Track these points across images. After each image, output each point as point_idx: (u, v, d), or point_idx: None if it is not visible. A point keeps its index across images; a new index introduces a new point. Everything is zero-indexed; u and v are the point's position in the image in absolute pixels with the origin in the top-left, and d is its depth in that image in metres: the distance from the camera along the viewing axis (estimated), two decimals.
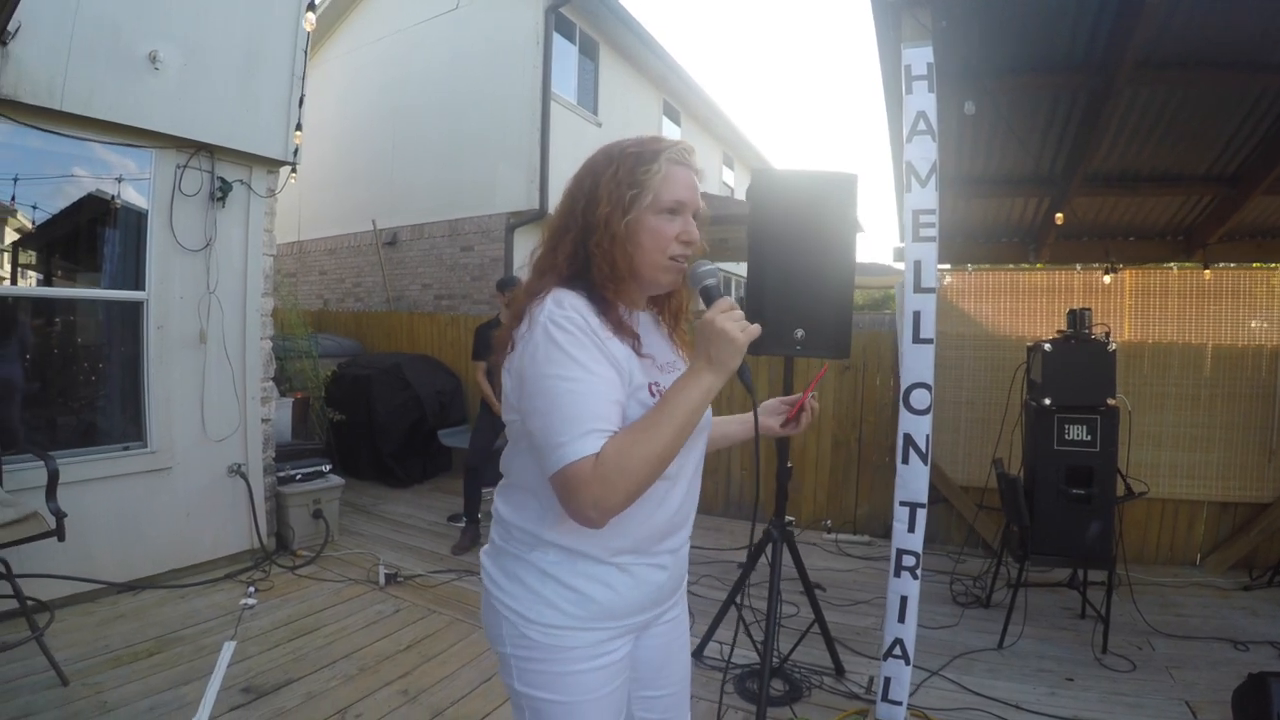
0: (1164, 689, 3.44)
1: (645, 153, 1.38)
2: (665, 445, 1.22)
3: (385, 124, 10.59)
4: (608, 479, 1.18)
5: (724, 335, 1.24)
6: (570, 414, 1.21)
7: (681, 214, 1.38)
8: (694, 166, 1.41)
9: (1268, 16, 3.34)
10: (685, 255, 1.38)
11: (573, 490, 1.20)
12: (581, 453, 1.19)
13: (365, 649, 3.57)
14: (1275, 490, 5.26)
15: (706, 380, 1.26)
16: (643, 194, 1.35)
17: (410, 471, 7.14)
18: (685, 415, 1.24)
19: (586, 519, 1.21)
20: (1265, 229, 5.59)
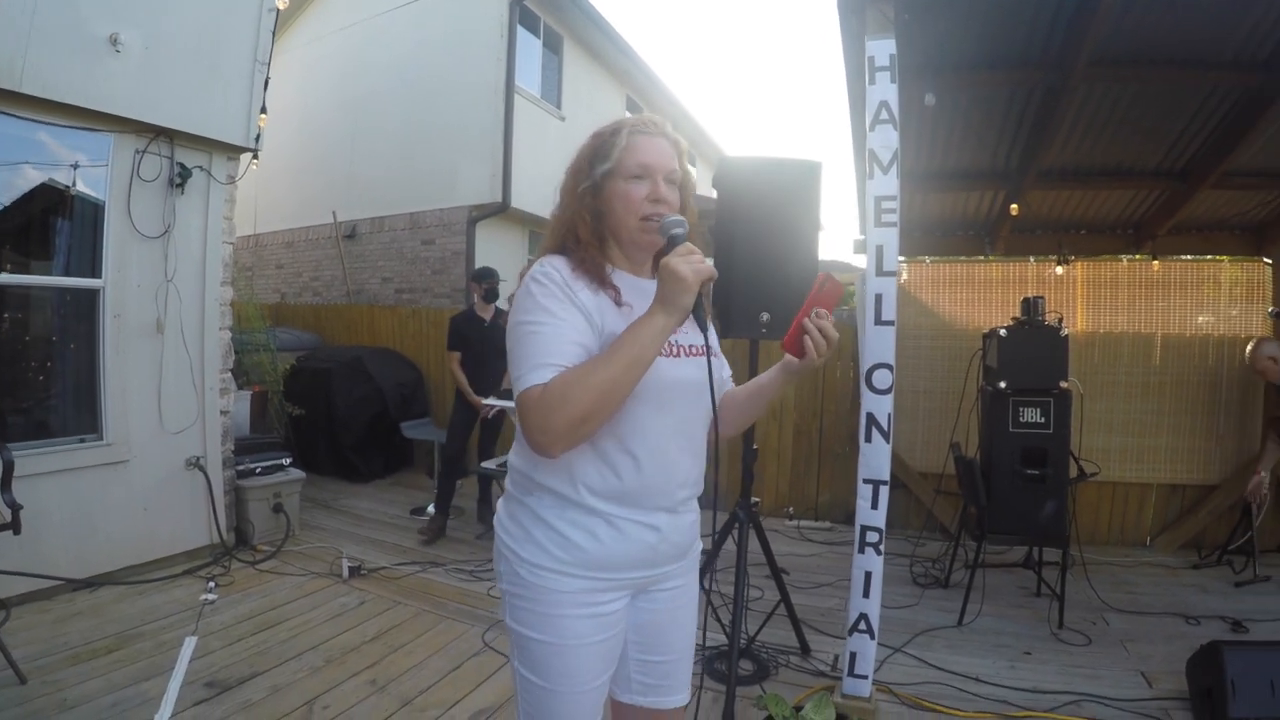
0: (1119, 661, 3.57)
1: (610, 129, 1.52)
2: (610, 378, 1.28)
3: (345, 115, 10.45)
4: (550, 405, 1.27)
5: (675, 274, 1.30)
6: (530, 351, 1.34)
7: (649, 177, 1.47)
8: (662, 134, 1.51)
9: (1218, 16, 3.47)
10: (657, 214, 1.46)
11: (522, 416, 1.31)
12: (532, 381, 1.31)
13: (330, 641, 3.54)
14: (1222, 473, 5.50)
15: (659, 319, 1.32)
16: (611, 165, 1.48)
17: (371, 465, 7.06)
18: (634, 351, 1.30)
19: (535, 444, 1.31)
20: (1212, 222, 5.80)
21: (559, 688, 1.46)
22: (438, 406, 7.45)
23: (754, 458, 3.42)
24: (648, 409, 1.43)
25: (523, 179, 9.25)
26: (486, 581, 4.38)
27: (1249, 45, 3.71)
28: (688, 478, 1.55)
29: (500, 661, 3.37)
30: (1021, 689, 3.23)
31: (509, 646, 1.53)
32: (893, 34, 2.88)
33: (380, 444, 7.13)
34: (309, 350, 7.87)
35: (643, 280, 1.55)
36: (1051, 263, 5.91)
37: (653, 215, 1.46)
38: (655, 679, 1.64)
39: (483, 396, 5.32)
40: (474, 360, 5.46)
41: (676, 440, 1.50)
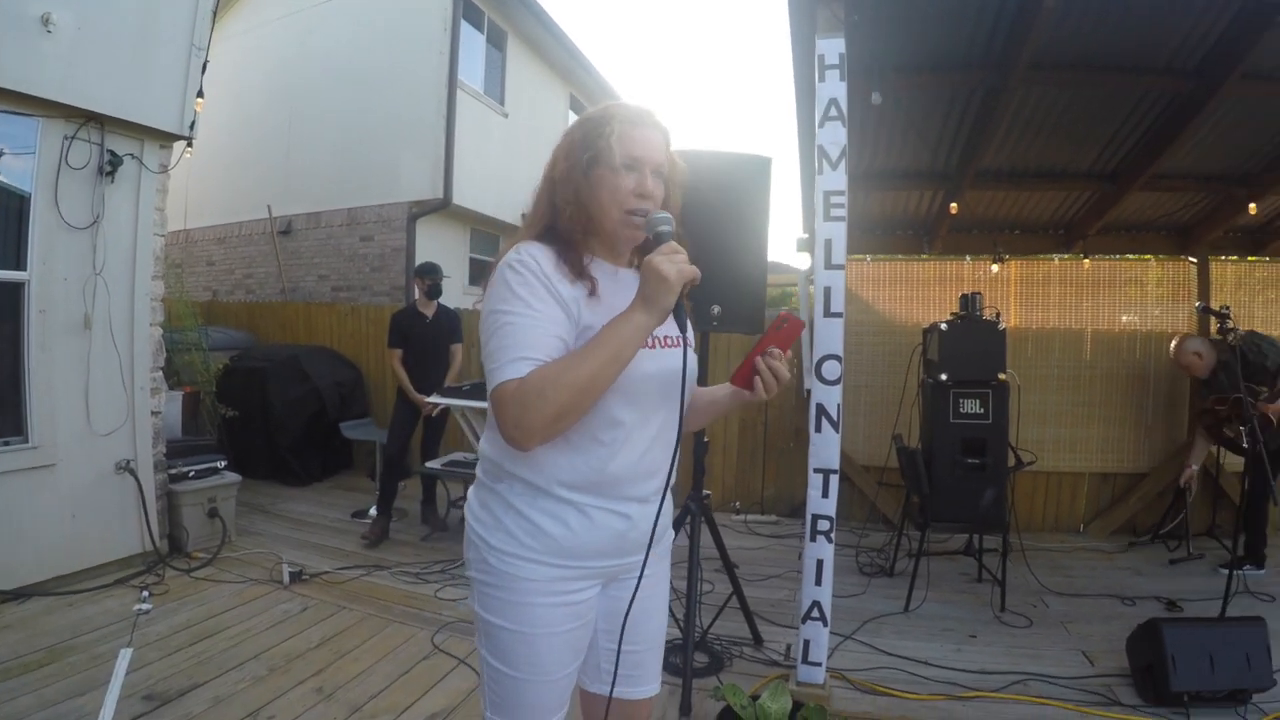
0: (1061, 641, 3.73)
1: (601, 116, 1.47)
2: (588, 375, 1.28)
3: (282, 106, 10.14)
4: (527, 401, 1.26)
5: (659, 274, 1.29)
6: (506, 343, 1.32)
7: (637, 169, 1.43)
8: (653, 125, 1.48)
9: (1152, 24, 3.64)
10: (643, 209, 1.44)
11: (498, 411, 1.31)
12: (507, 376, 1.29)
13: (273, 649, 3.42)
14: (1150, 462, 5.80)
15: (638, 317, 1.32)
16: (598, 155, 1.43)
17: (309, 468, 6.87)
18: (613, 349, 1.30)
19: (510, 439, 1.31)
20: (1140, 223, 6.09)
21: (527, 676, 1.45)
22: (378, 406, 7.31)
23: (705, 450, 3.45)
24: (620, 399, 1.42)
25: (465, 175, 9.14)
26: (433, 584, 4.31)
27: (1181, 53, 3.90)
28: (659, 468, 1.53)
29: (452, 664, 3.31)
30: (969, 670, 3.33)
31: (476, 634, 1.52)
32: (842, 34, 2.94)
33: (318, 446, 6.95)
34: (242, 350, 7.62)
35: (621, 270, 1.54)
36: (987, 261, 6.12)
37: (638, 209, 1.44)
38: (626, 669, 1.62)
39: (425, 394, 5.23)
40: (416, 358, 5.35)
41: (647, 431, 1.49)
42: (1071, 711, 2.98)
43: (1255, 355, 4.43)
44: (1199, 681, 2.93)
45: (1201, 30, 3.71)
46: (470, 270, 10.38)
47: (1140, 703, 3.04)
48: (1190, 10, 3.53)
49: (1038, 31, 3.55)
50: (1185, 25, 3.67)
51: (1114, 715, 2.96)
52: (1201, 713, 2.93)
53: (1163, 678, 2.95)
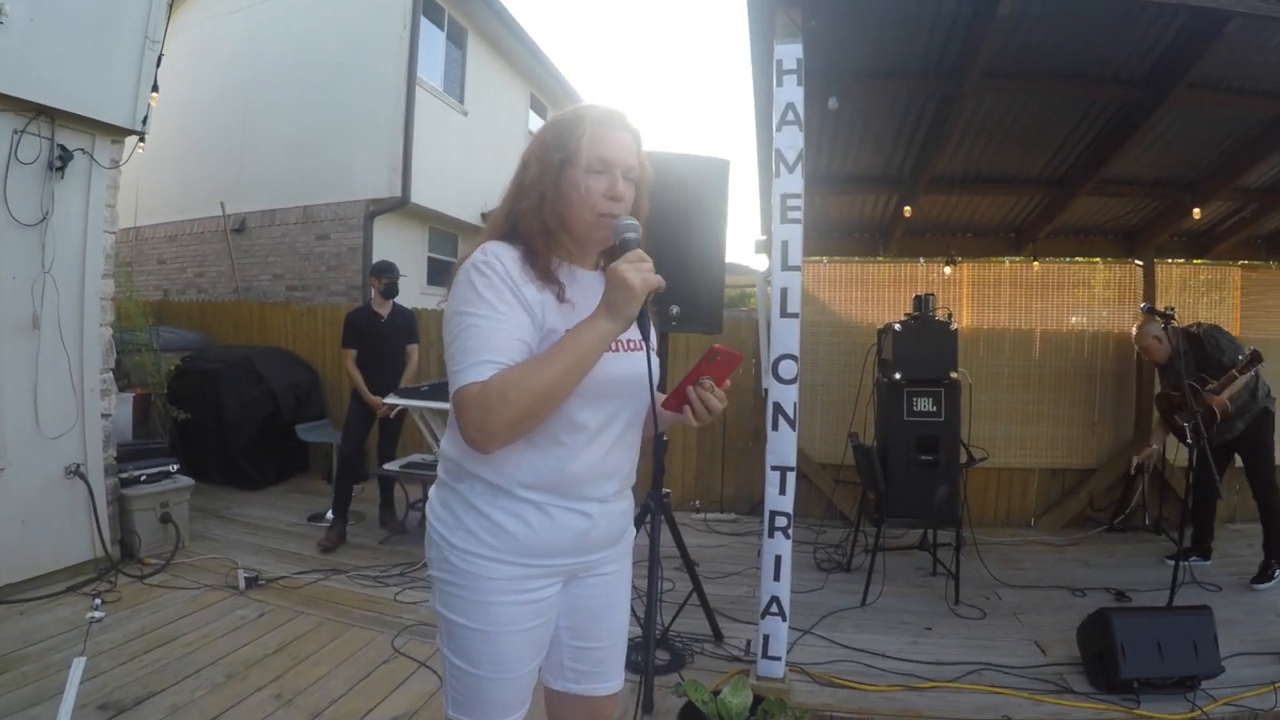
0: (1014, 631, 3.85)
1: (573, 117, 1.47)
2: (550, 381, 1.29)
3: (235, 101, 9.93)
4: (488, 405, 1.27)
5: (624, 283, 1.30)
6: (469, 346, 1.32)
7: (608, 172, 1.43)
8: (625, 127, 1.47)
9: (1103, 35, 3.76)
10: (613, 213, 1.44)
11: (459, 413, 1.31)
12: (470, 379, 1.30)
13: (230, 655, 3.36)
14: (1098, 458, 6.01)
15: (602, 325, 1.33)
16: (569, 156, 1.42)
17: (264, 471, 6.75)
18: (576, 355, 1.31)
19: (471, 441, 1.32)
20: (1088, 227, 6.29)
21: (489, 674, 1.46)
22: (335, 408, 7.21)
23: (664, 449, 3.49)
24: (583, 402, 1.42)
25: (424, 174, 9.06)
26: (393, 587, 4.27)
27: (1130, 63, 4.04)
28: (620, 470, 1.55)
29: (413, 667, 3.29)
30: (926, 662, 3.42)
31: (438, 633, 1.52)
32: (800, 39, 2.99)
33: (273, 448, 6.83)
34: (194, 350, 7.45)
35: (588, 273, 1.54)
36: (940, 264, 6.26)
37: (608, 212, 1.43)
38: (589, 666, 1.64)
39: (381, 396, 5.15)
40: (371, 358, 5.27)
41: (609, 434, 1.50)
42: (1025, 700, 3.07)
43: (1213, 349, 4.55)
44: (1149, 669, 3.04)
45: (1150, 41, 3.85)
46: (429, 270, 10.29)
47: (1092, 690, 3.15)
48: (1139, 22, 3.66)
49: (991, 41, 3.65)
50: (1134, 36, 3.80)
51: (1067, 703, 3.05)
52: (1152, 699, 3.03)
53: (1113, 665, 3.06)
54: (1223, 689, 3.09)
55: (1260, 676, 3.21)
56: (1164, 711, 2.96)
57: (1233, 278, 6.29)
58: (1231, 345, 4.58)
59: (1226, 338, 4.63)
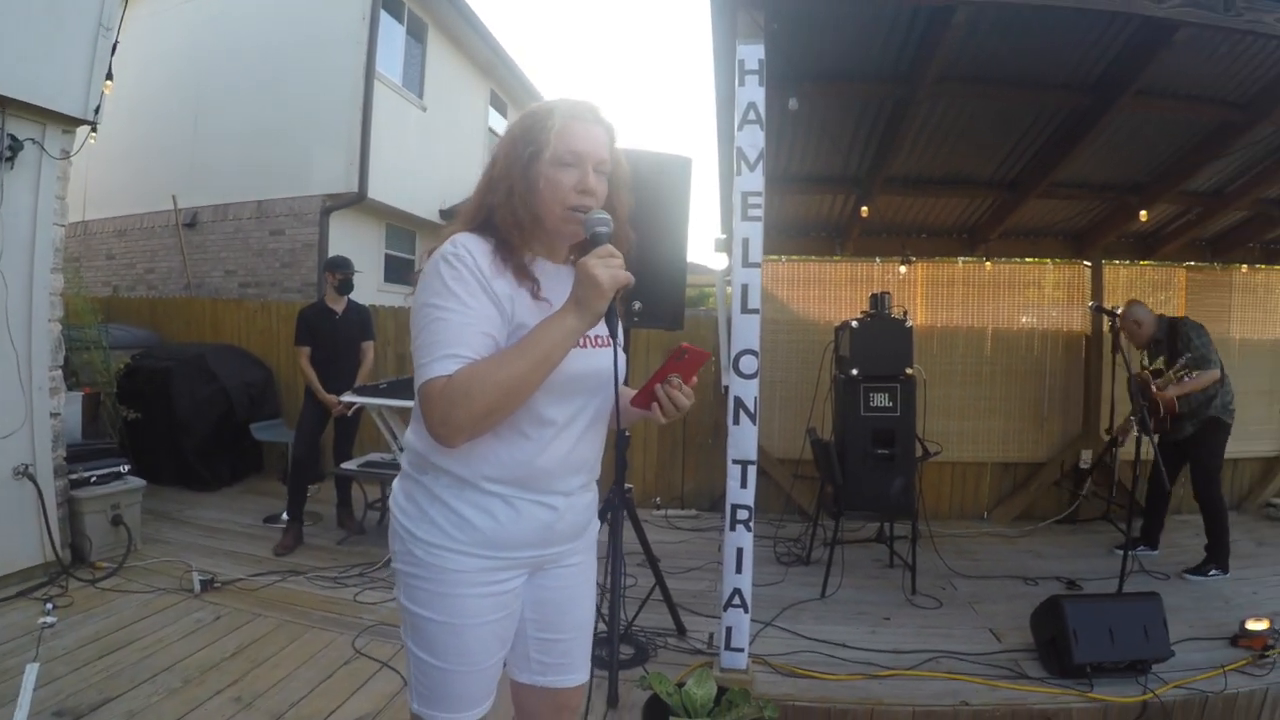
0: (969, 620, 3.96)
1: (544, 110, 1.47)
2: (517, 375, 1.29)
3: (188, 93, 9.68)
4: (454, 399, 1.27)
5: (592, 279, 1.30)
6: (436, 339, 1.32)
7: (579, 165, 1.43)
8: (597, 121, 1.48)
9: (1053, 43, 3.86)
10: (584, 205, 1.43)
11: (425, 407, 1.31)
12: (436, 373, 1.30)
13: (187, 659, 3.30)
14: (1048, 452, 6.20)
15: (570, 321, 1.33)
16: (539, 149, 1.42)
17: (218, 472, 6.61)
18: (543, 350, 1.31)
19: (437, 435, 1.32)
20: (1038, 229, 6.46)
21: (454, 667, 1.46)
22: (290, 407, 7.07)
23: (626, 444, 3.52)
24: (550, 398, 1.42)
25: (381, 169, 8.96)
26: (352, 588, 4.22)
27: (1080, 70, 4.16)
28: (585, 464, 1.56)
29: (375, 668, 3.27)
30: (885, 650, 3.50)
31: (402, 626, 1.52)
32: (762, 40, 3.03)
33: (227, 449, 6.70)
34: (145, 348, 7.26)
35: (561, 268, 1.54)
36: (896, 263, 6.39)
37: (578, 206, 1.43)
38: (554, 658, 1.64)
39: (336, 393, 5.07)
40: (326, 355, 5.18)
41: (576, 428, 1.51)
42: (982, 685, 3.16)
43: (1182, 345, 4.65)
44: (1100, 653, 3.14)
45: (1099, 49, 3.96)
46: (386, 267, 10.17)
47: (1046, 675, 3.25)
48: (1089, 30, 3.76)
49: (945, 47, 3.72)
50: (1084, 44, 3.91)
51: (1022, 688, 3.15)
52: (1104, 683, 3.13)
53: (1066, 650, 3.16)
54: (1173, 672, 3.21)
55: (1210, 660, 3.34)
56: (1116, 695, 3.06)
57: (1178, 278, 6.52)
58: (1201, 344, 4.64)
59: (1200, 339, 4.68)
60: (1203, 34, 3.50)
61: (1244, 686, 3.15)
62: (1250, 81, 4.18)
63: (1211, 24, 3.12)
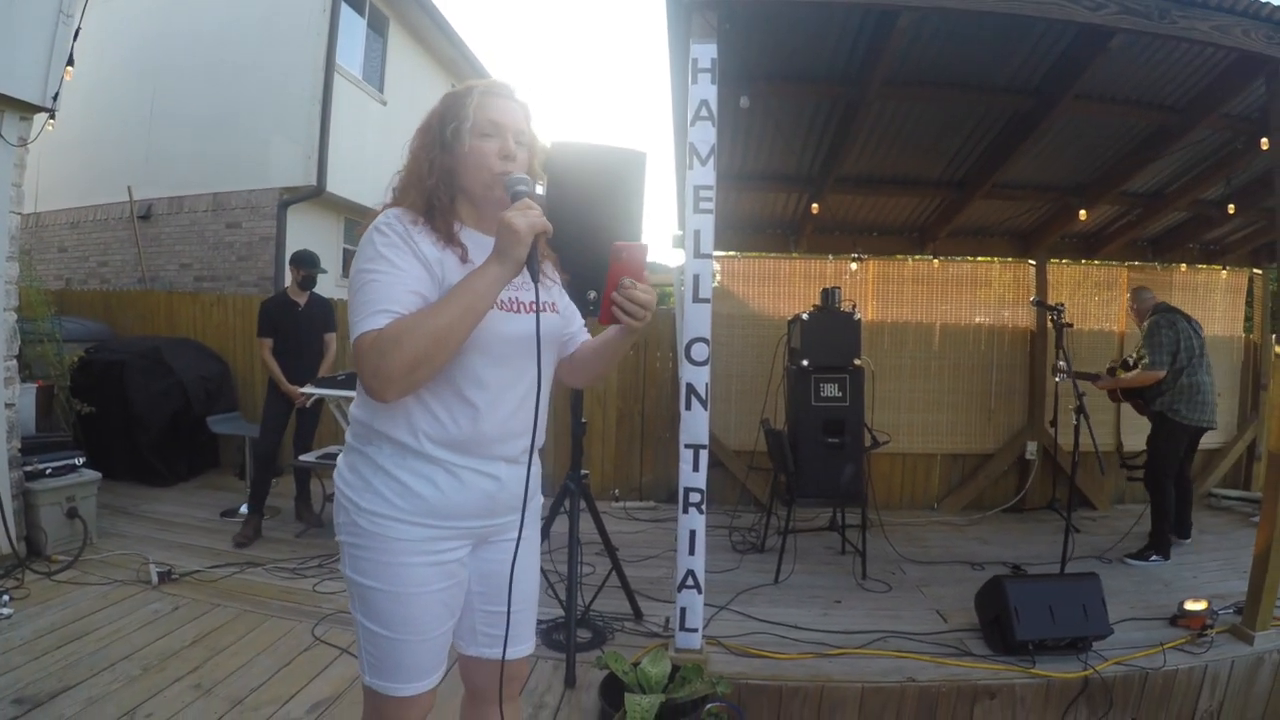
0: (918, 603, 4.12)
1: (463, 90, 1.57)
2: (444, 325, 1.34)
3: (145, 83, 9.44)
4: (384, 349, 1.32)
5: (509, 226, 1.37)
6: (367, 298, 1.38)
7: (499, 135, 1.52)
8: (512, 97, 1.57)
9: (996, 47, 4.02)
10: (507, 171, 1.51)
11: (359, 360, 1.35)
12: (367, 327, 1.35)
13: (146, 648, 3.31)
14: (995, 443, 6.43)
15: (492, 269, 1.39)
16: (460, 124, 1.51)
17: (174, 467, 6.53)
18: (468, 300, 1.37)
19: (370, 388, 1.36)
20: (985, 228, 6.68)
21: (402, 636, 1.49)
22: (246, 401, 7.04)
23: (583, 430, 3.59)
24: (486, 360, 1.48)
25: (340, 163, 8.87)
26: (311, 578, 4.23)
27: (1021, 73, 4.33)
28: (526, 429, 1.58)
29: (335, 654, 3.30)
30: (836, 631, 3.62)
31: (350, 599, 1.55)
32: (715, 40, 3.13)
33: (183, 443, 6.62)
34: (99, 341, 7.13)
35: (489, 238, 1.52)
36: (848, 260, 6.56)
37: (502, 172, 1.50)
38: (501, 630, 1.66)
39: (298, 385, 5.08)
40: (288, 348, 5.18)
41: (515, 392, 1.55)
42: (929, 663, 3.30)
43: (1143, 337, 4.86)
44: (1041, 631, 3.29)
45: (1041, 53, 4.13)
46: (344, 262, 10.06)
47: (990, 653, 3.40)
48: (1030, 35, 3.92)
49: (892, 50, 3.85)
50: (1026, 48, 4.07)
51: (967, 664, 3.28)
52: (1046, 660, 3.28)
53: (1009, 629, 3.30)
54: (1114, 650, 3.37)
55: (1149, 639, 3.50)
56: (1058, 670, 3.20)
57: (1120, 278, 6.79)
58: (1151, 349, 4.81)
59: (1156, 338, 4.83)
60: (1138, 40, 3.67)
61: (1183, 664, 3.31)
62: (1186, 86, 4.39)
63: (1145, 30, 3.26)
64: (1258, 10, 3.26)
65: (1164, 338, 4.81)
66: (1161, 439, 4.90)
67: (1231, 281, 6.98)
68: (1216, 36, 3.28)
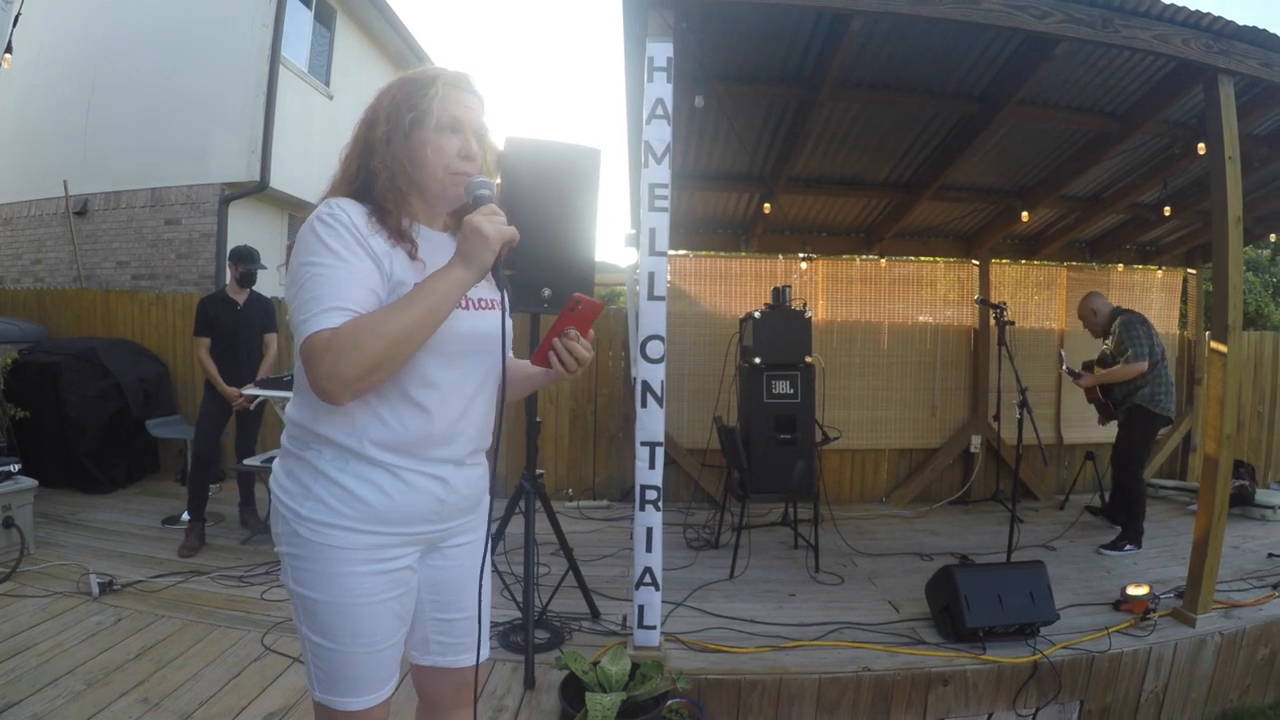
0: (870, 594, 4.21)
1: (423, 77, 1.48)
2: (405, 328, 1.28)
3: (83, 73, 9.06)
4: (340, 351, 1.24)
5: (479, 232, 1.33)
6: (317, 294, 1.30)
7: (460, 131, 1.46)
8: (472, 91, 1.51)
9: (943, 53, 4.11)
10: (466, 171, 1.46)
11: (309, 362, 1.27)
12: (319, 326, 1.27)
13: (90, 662, 3.19)
14: (941, 438, 6.61)
15: (456, 273, 1.34)
16: (421, 116, 1.43)
17: (112, 474, 6.32)
18: (430, 303, 1.31)
19: (322, 391, 1.28)
20: (930, 229, 6.85)
21: (351, 649, 1.42)
22: (187, 403, 6.82)
23: (537, 430, 3.57)
24: (436, 359, 1.42)
25: (284, 158, 8.66)
26: (259, 586, 4.13)
27: (968, 79, 4.45)
28: (476, 431, 1.54)
29: (286, 663, 3.23)
30: (790, 624, 3.69)
31: (294, 612, 1.46)
32: (671, 39, 3.14)
33: (121, 448, 6.41)
34: (33, 343, 6.86)
35: (439, 235, 1.55)
36: (797, 260, 6.66)
37: (461, 171, 1.45)
38: (455, 637, 1.63)
39: (238, 387, 4.93)
40: (226, 347, 5.02)
41: (465, 392, 1.50)
42: (883, 652, 3.37)
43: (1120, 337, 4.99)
44: (991, 618, 3.39)
45: (987, 60, 4.25)
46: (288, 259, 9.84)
47: (942, 640, 3.49)
48: (977, 42, 4.03)
49: (843, 54, 3.91)
50: (973, 55, 4.18)
51: (920, 653, 3.37)
52: (996, 646, 3.39)
53: (959, 617, 3.40)
54: (1061, 635, 3.49)
55: (1095, 624, 3.64)
56: (1008, 656, 3.31)
57: (1060, 278, 7.03)
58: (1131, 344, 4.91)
59: (1129, 333, 4.96)
60: (1082, 48, 3.80)
61: (1128, 647, 3.44)
62: (1126, 94, 4.56)
63: (1089, 39, 3.37)
64: (1197, 20, 3.39)
65: (1141, 333, 4.98)
66: (1139, 431, 5.04)
67: (1167, 281, 7.28)
68: (1157, 45, 3.40)
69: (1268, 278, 17.56)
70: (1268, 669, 3.80)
